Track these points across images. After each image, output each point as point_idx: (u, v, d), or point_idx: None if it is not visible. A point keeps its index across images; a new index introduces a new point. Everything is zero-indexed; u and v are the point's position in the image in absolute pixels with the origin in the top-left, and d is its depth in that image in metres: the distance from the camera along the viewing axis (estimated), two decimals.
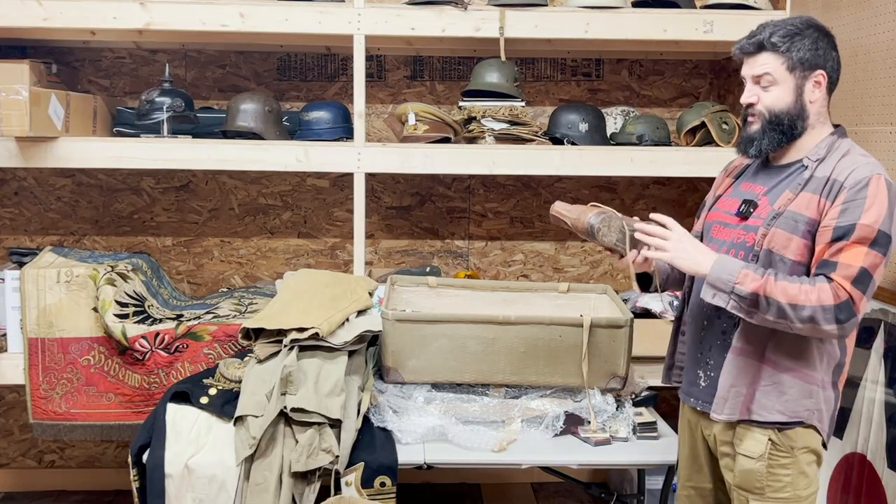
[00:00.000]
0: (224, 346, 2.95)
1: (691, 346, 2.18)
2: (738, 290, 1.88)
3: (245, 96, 3.26)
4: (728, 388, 2.03)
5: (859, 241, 1.86)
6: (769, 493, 2.01)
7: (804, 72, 1.99)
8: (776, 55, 1.99)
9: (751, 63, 2.03)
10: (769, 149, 2.03)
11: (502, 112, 3.22)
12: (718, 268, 1.92)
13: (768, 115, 2.01)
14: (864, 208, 1.87)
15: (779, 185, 2.03)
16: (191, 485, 2.52)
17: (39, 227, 3.70)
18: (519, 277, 3.83)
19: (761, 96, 2.01)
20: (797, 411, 1.98)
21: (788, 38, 1.98)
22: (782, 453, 2.00)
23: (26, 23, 3.04)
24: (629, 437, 2.71)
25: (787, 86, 1.99)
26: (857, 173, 1.91)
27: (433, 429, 2.65)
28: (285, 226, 3.77)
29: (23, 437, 3.80)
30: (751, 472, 2.02)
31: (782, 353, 1.98)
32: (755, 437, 2.01)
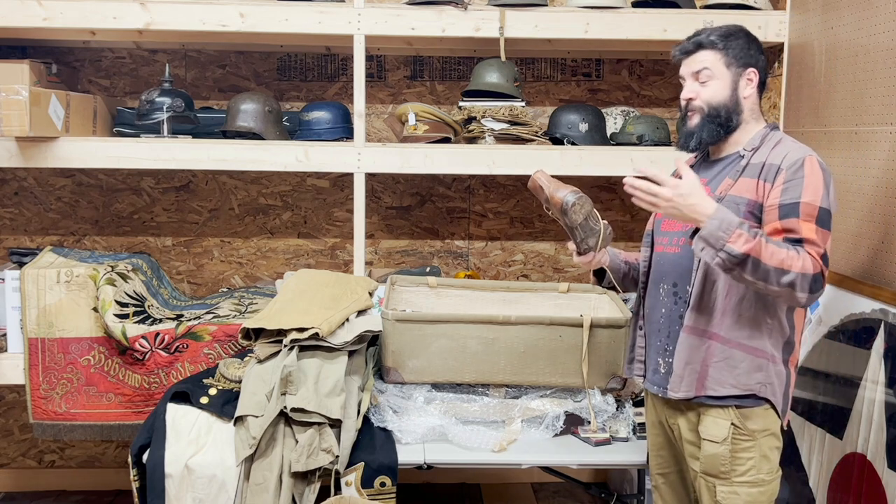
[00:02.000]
0: (224, 346, 2.95)
1: (651, 336, 2.27)
2: (728, 248, 1.91)
3: (245, 96, 3.26)
4: (683, 366, 2.13)
5: (806, 218, 1.98)
6: (734, 476, 2.09)
7: (738, 68, 2.14)
8: (714, 52, 2.13)
9: (689, 62, 2.17)
10: (709, 140, 2.15)
11: (502, 112, 3.22)
12: (715, 224, 1.93)
13: (707, 109, 2.14)
14: (802, 186, 2.00)
15: (719, 174, 2.16)
16: (191, 485, 2.52)
17: (39, 227, 3.70)
18: (519, 277, 3.84)
19: (700, 92, 2.14)
20: (749, 384, 2.07)
21: (724, 38, 2.14)
22: (744, 437, 2.08)
23: (26, 23, 3.04)
24: (629, 437, 2.71)
25: (724, 80, 2.13)
26: (791, 156, 2.05)
27: (433, 429, 2.65)
28: (285, 226, 3.77)
29: (23, 437, 3.80)
30: (715, 457, 2.09)
31: (731, 329, 2.07)
32: (717, 422, 2.10)
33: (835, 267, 2.66)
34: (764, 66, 2.17)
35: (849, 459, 2.42)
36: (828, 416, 2.53)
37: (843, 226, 2.63)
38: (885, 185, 2.44)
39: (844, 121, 2.68)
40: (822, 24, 2.86)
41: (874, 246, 2.49)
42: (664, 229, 2.25)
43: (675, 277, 2.19)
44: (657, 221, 2.30)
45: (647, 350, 2.29)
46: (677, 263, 2.19)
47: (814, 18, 2.93)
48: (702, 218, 1.94)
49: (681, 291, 2.17)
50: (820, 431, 2.56)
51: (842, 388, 2.46)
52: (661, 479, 2.38)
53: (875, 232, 2.48)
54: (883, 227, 2.44)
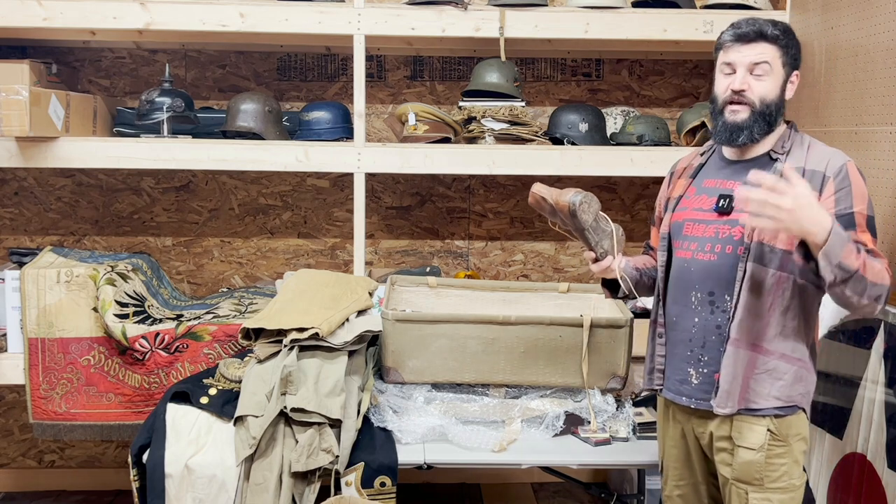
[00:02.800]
0: (224, 346, 2.95)
1: (678, 345, 2.16)
2: (843, 263, 1.82)
3: (245, 96, 3.26)
4: (730, 381, 2.04)
5: (862, 228, 1.94)
6: (767, 483, 2.04)
7: (790, 69, 2.07)
8: (776, 47, 2.03)
9: (746, 51, 2.03)
10: (758, 137, 2.06)
11: (502, 112, 3.22)
12: (835, 238, 1.81)
13: (759, 104, 2.03)
14: (852, 195, 1.96)
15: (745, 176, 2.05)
16: (191, 485, 2.52)
17: (39, 227, 3.70)
18: (519, 277, 3.83)
19: (753, 85, 2.03)
20: (792, 396, 2.03)
21: (786, 35, 2.05)
22: (779, 442, 2.04)
23: (26, 23, 3.04)
24: (629, 437, 2.71)
25: (779, 79, 2.05)
26: (833, 162, 1.99)
27: (433, 429, 2.65)
28: (285, 226, 3.77)
29: (23, 437, 3.80)
30: (750, 464, 2.04)
31: (775, 341, 2.03)
32: (754, 429, 2.04)
33: None
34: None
35: (849, 459, 2.42)
36: (828, 416, 2.53)
37: None
38: (885, 185, 2.44)
39: (844, 121, 2.68)
40: (822, 24, 2.86)
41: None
42: (688, 233, 2.14)
43: (710, 286, 2.08)
44: (677, 224, 2.18)
45: (670, 359, 2.19)
46: (714, 272, 2.08)
47: (814, 18, 2.93)
48: (821, 231, 1.80)
49: (718, 301, 2.08)
50: (820, 431, 2.56)
51: (842, 388, 2.46)
52: (678, 492, 2.28)
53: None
54: (883, 227, 2.44)
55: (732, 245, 2.05)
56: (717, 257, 2.08)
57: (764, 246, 1.99)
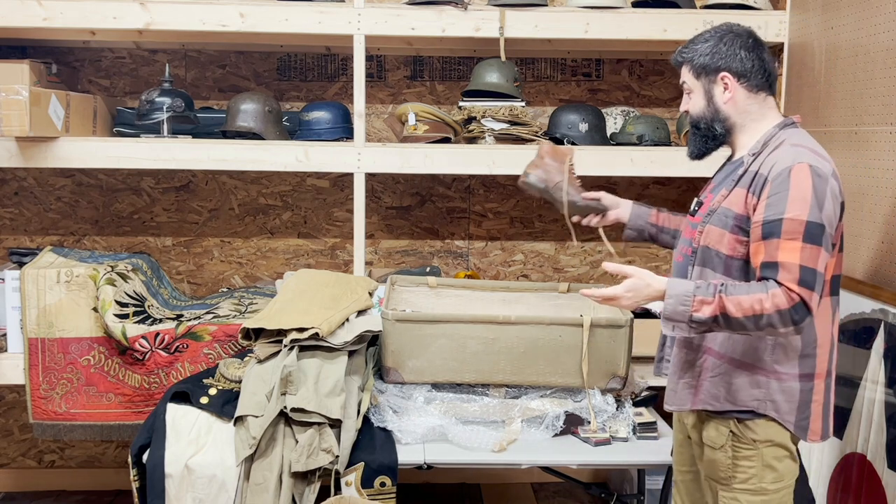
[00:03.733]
0: (224, 346, 2.95)
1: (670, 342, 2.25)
2: (695, 317, 1.90)
3: (245, 96, 3.26)
4: (676, 379, 2.13)
5: (790, 236, 1.87)
6: (735, 483, 2.06)
7: (708, 76, 2.09)
8: (686, 66, 2.14)
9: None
10: (698, 151, 2.16)
11: (502, 112, 3.22)
12: (673, 302, 1.92)
13: (692, 121, 2.15)
14: (787, 200, 1.88)
15: (722, 182, 2.13)
16: (191, 485, 2.52)
17: (39, 227, 3.70)
18: (519, 277, 3.83)
19: (688, 105, 2.16)
20: (745, 401, 2.03)
21: (689, 48, 2.13)
22: (745, 445, 2.05)
23: (26, 23, 3.04)
24: (629, 437, 2.71)
25: (699, 92, 2.12)
26: (779, 164, 1.93)
27: (433, 429, 2.65)
28: (285, 226, 3.77)
29: (23, 437, 3.80)
30: (715, 462, 2.08)
31: (725, 345, 2.04)
32: (717, 428, 2.08)
33: None
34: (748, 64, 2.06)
35: (849, 459, 2.42)
36: None
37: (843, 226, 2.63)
38: (885, 185, 2.44)
39: (844, 121, 2.68)
40: (822, 24, 2.86)
41: (874, 246, 2.49)
42: (683, 235, 2.23)
43: None
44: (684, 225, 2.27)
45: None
46: (678, 273, 2.18)
47: (814, 18, 2.93)
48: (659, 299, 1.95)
49: None
50: None
51: (842, 388, 2.46)
52: (680, 476, 2.35)
53: (875, 232, 2.48)
54: (883, 227, 2.44)
55: (691, 248, 2.13)
56: (683, 259, 2.18)
57: (710, 250, 2.05)
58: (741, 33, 2.11)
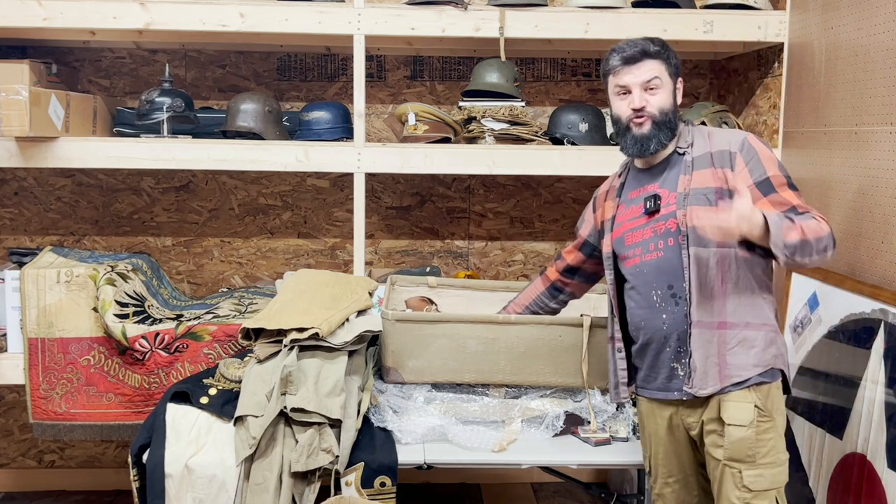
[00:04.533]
0: (224, 346, 2.95)
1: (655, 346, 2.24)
2: (787, 243, 1.98)
3: (245, 96, 3.26)
4: (704, 360, 2.15)
5: (782, 187, 2.12)
6: (759, 459, 2.12)
7: (676, 78, 2.24)
8: (661, 62, 2.20)
9: (636, 71, 2.19)
10: (665, 142, 2.21)
11: (502, 112, 3.22)
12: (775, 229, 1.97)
13: (659, 116, 2.19)
14: (762, 161, 2.14)
15: (668, 175, 2.23)
16: (191, 485, 2.52)
17: (39, 227, 3.70)
18: (519, 277, 3.83)
19: (649, 100, 2.19)
20: (767, 360, 2.14)
21: (665, 48, 2.22)
22: (765, 418, 2.13)
23: (26, 23, 3.04)
24: (629, 437, 2.71)
25: (669, 89, 2.22)
26: (734, 139, 2.18)
27: (433, 429, 2.65)
28: (285, 226, 3.77)
29: (23, 437, 3.80)
30: (742, 441, 2.11)
31: (736, 313, 2.14)
32: (741, 406, 2.12)
33: (835, 267, 2.66)
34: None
35: (849, 459, 2.42)
36: (828, 416, 2.53)
37: (843, 226, 2.63)
38: (885, 185, 2.44)
39: (844, 121, 2.68)
40: (822, 24, 2.86)
41: (874, 246, 2.49)
42: (631, 242, 2.26)
43: (667, 280, 2.19)
44: (618, 240, 2.30)
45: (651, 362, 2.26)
46: (664, 266, 2.19)
47: (814, 18, 2.93)
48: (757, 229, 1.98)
49: (679, 292, 2.18)
50: (820, 431, 2.56)
51: (842, 388, 2.46)
52: (668, 489, 2.34)
53: (875, 232, 2.48)
54: (883, 227, 2.44)
55: (673, 237, 2.17)
56: (664, 252, 2.20)
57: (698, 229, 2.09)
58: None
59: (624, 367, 2.33)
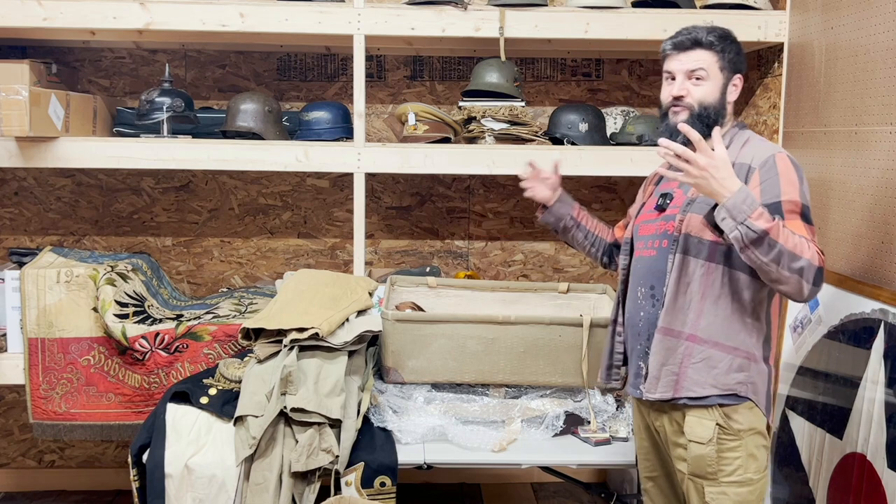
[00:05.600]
0: (224, 346, 2.95)
1: (632, 340, 2.25)
2: (749, 223, 1.88)
3: (245, 96, 3.26)
4: (659, 367, 2.12)
5: (792, 215, 1.99)
6: (721, 477, 2.08)
7: (730, 73, 2.17)
8: (711, 53, 2.14)
9: (683, 58, 2.16)
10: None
11: (502, 112, 3.22)
12: (740, 196, 1.90)
13: (698, 108, 2.13)
14: (779, 184, 2.02)
15: None
16: (191, 485, 2.52)
17: (39, 227, 3.70)
18: (519, 277, 3.83)
19: (691, 90, 2.14)
20: (728, 384, 2.07)
21: (722, 40, 2.15)
22: (729, 436, 2.08)
23: (26, 23, 3.04)
24: (629, 437, 2.71)
25: (717, 83, 2.15)
26: (760, 154, 2.08)
27: (433, 429, 2.65)
28: (285, 226, 3.77)
29: (23, 437, 3.80)
30: (702, 458, 2.09)
31: (709, 330, 2.08)
32: (702, 423, 2.09)
33: (835, 267, 2.66)
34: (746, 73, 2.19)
35: (849, 459, 2.42)
36: (828, 416, 2.53)
37: (843, 226, 2.63)
38: (885, 185, 2.44)
39: (844, 121, 2.68)
40: (822, 24, 2.86)
41: (874, 246, 2.49)
42: (642, 234, 2.26)
43: (651, 280, 2.18)
44: (636, 227, 2.30)
45: (629, 355, 2.28)
46: (653, 266, 2.19)
47: (814, 18, 2.93)
48: (726, 192, 1.90)
49: (658, 294, 2.17)
50: (820, 431, 2.56)
51: (842, 388, 2.46)
52: (651, 483, 2.37)
53: (875, 232, 2.48)
54: (883, 227, 2.44)
55: (668, 240, 2.15)
56: (657, 252, 2.19)
57: (691, 237, 2.08)
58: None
59: (620, 351, 2.31)
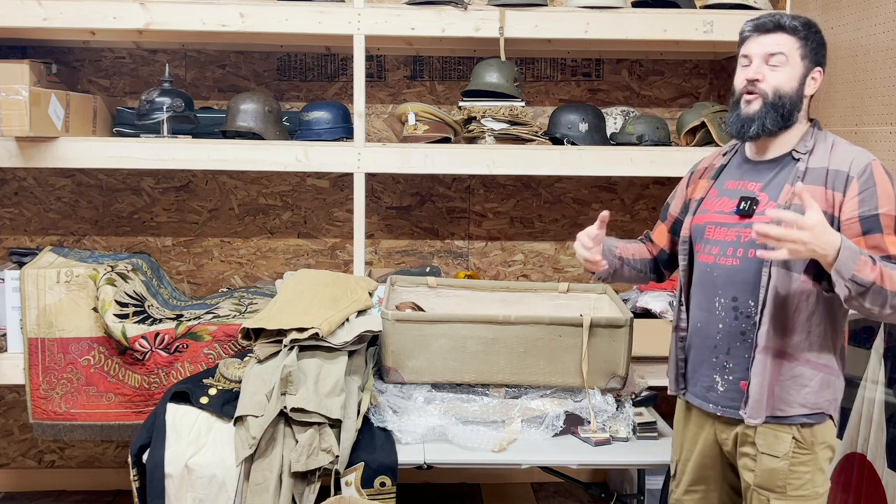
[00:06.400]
0: (224, 346, 2.95)
1: (702, 351, 2.13)
2: (857, 277, 1.80)
3: (245, 96, 3.26)
4: (759, 390, 2.00)
5: (889, 231, 1.90)
6: (790, 490, 2.00)
7: (810, 64, 2.02)
8: (795, 38, 2.01)
9: (763, 41, 2.02)
10: (771, 128, 2.00)
11: (502, 112, 3.22)
12: (846, 254, 1.80)
13: (772, 95, 2.00)
14: (877, 196, 1.91)
15: (774, 179, 2.03)
16: (191, 485, 2.52)
17: (39, 227, 3.70)
18: (519, 277, 3.83)
19: (767, 75, 2.01)
20: (819, 403, 1.99)
21: (807, 27, 2.02)
22: (804, 450, 2.00)
23: (26, 23, 3.04)
24: (629, 437, 2.71)
25: (796, 71, 2.01)
26: (857, 161, 1.94)
27: (433, 429, 2.65)
28: (285, 226, 3.77)
29: (23, 437, 3.80)
30: (774, 472, 2.01)
31: (800, 347, 1.99)
32: (779, 437, 2.00)
33: None
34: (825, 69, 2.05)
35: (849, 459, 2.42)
36: None
37: None
38: None
39: (844, 121, 2.68)
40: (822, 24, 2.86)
41: None
42: (710, 237, 2.10)
43: (734, 291, 2.04)
44: (698, 227, 2.14)
45: (696, 365, 2.15)
46: (737, 277, 2.04)
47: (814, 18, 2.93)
48: (831, 252, 1.79)
49: (742, 307, 2.04)
50: None
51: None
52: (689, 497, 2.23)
53: None
54: None
55: (755, 249, 1.98)
56: (740, 262, 2.04)
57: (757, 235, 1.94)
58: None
59: (683, 358, 2.19)
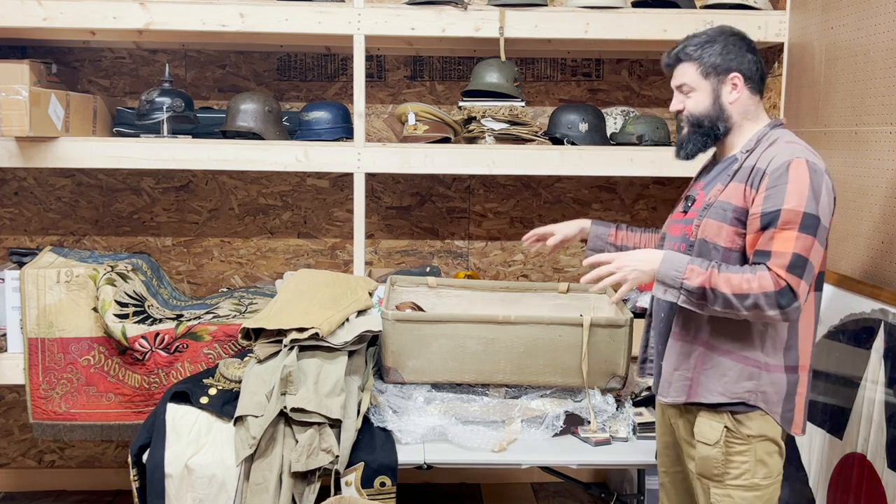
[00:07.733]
0: (224, 346, 2.95)
1: (656, 339, 2.29)
2: (686, 284, 1.98)
3: (245, 96, 3.26)
4: (671, 371, 2.15)
5: (786, 226, 1.94)
6: (728, 480, 2.09)
7: (718, 76, 2.12)
8: (691, 63, 2.14)
9: (673, 74, 2.20)
10: (695, 150, 2.17)
11: (502, 112, 3.22)
12: (666, 265, 2.01)
13: (691, 120, 2.16)
14: (786, 193, 1.96)
15: (714, 179, 2.18)
16: (191, 485, 2.52)
17: (39, 227, 3.70)
18: (519, 277, 3.83)
19: (686, 103, 2.16)
20: (737, 393, 2.07)
21: (699, 47, 2.14)
22: (738, 440, 2.08)
23: (26, 23, 3.04)
24: (629, 437, 2.71)
25: (704, 91, 2.13)
26: (777, 159, 2.01)
27: (433, 429, 2.65)
28: (285, 226, 3.77)
29: (23, 437, 3.80)
30: (708, 459, 2.10)
31: (721, 337, 2.08)
32: (710, 424, 2.10)
33: (835, 267, 2.66)
34: (753, 66, 2.12)
35: (849, 459, 2.42)
36: (828, 416, 2.53)
37: (843, 226, 2.63)
38: (884, 185, 2.44)
39: (844, 121, 2.68)
40: (822, 24, 2.86)
41: (874, 246, 2.49)
42: (670, 233, 2.27)
43: None
44: (667, 224, 2.32)
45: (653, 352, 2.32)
46: None
47: (814, 18, 2.93)
48: (655, 265, 2.02)
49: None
50: (820, 431, 2.56)
51: (842, 388, 2.46)
52: (667, 478, 2.38)
53: (875, 232, 2.48)
54: (883, 227, 2.44)
55: (686, 243, 2.15)
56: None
57: (707, 243, 2.08)
58: (745, 36, 2.17)
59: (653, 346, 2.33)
